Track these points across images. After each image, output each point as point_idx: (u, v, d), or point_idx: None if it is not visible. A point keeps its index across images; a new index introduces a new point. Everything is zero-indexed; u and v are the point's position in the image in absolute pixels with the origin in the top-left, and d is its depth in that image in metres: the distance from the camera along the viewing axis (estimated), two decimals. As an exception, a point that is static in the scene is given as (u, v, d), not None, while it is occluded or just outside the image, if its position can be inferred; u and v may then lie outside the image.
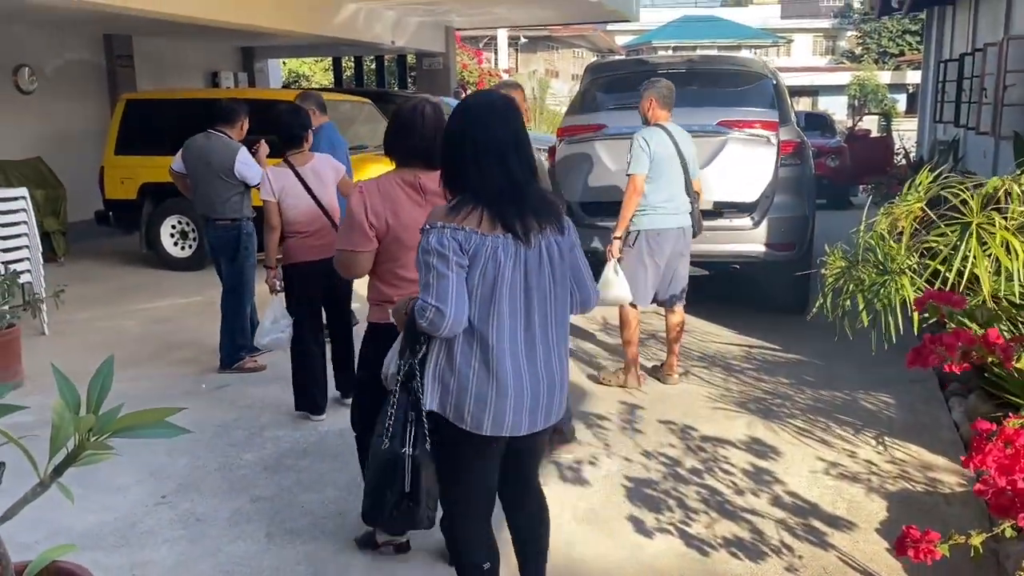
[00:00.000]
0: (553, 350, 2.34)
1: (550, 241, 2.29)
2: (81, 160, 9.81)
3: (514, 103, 2.41)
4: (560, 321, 2.35)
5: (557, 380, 2.35)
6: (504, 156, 2.26)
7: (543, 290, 2.29)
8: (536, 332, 2.30)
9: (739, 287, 7.44)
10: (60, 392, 1.87)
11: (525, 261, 2.25)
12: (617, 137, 5.67)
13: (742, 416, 4.59)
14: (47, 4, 6.70)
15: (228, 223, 5.25)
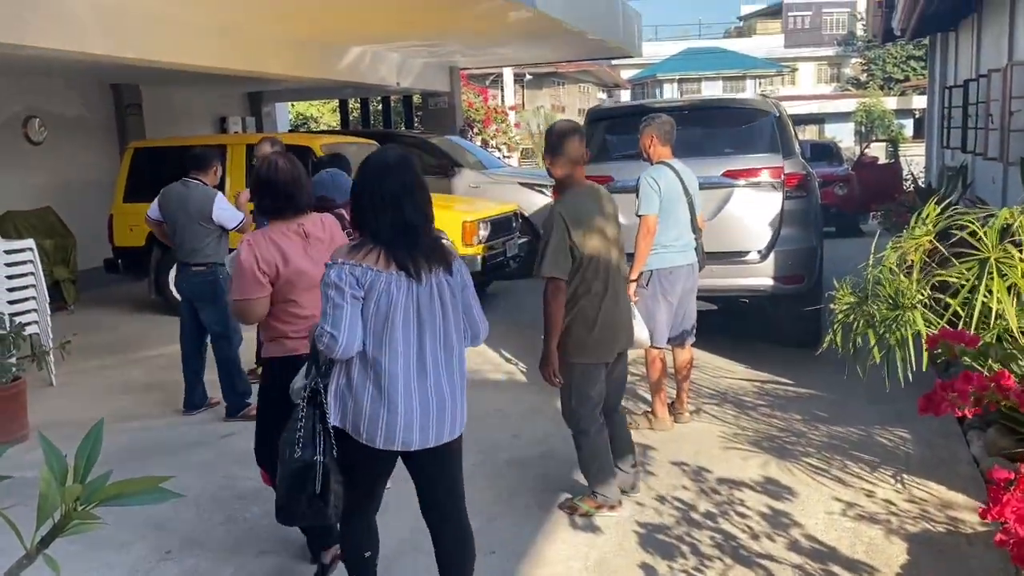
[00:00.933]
0: (443, 374, 2.67)
1: (440, 280, 2.64)
2: (90, 208, 9.87)
3: (408, 160, 2.76)
4: (449, 348, 2.68)
5: (447, 401, 2.67)
6: (397, 204, 2.61)
7: (434, 321, 2.63)
8: (427, 358, 2.63)
9: (748, 321, 7.37)
10: (47, 460, 1.83)
11: (417, 296, 2.60)
12: (624, 191, 5.66)
13: (756, 456, 4.50)
14: (56, 56, 6.78)
15: (204, 268, 5.34)
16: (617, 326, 3.81)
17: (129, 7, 7.03)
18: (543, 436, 4.95)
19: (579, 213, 3.66)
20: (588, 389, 3.78)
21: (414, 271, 2.58)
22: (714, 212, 5.87)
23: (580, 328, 3.70)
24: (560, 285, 3.62)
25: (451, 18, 9.08)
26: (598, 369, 3.80)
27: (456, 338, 2.71)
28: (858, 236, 13.20)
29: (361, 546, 2.91)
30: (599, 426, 3.84)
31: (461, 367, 2.74)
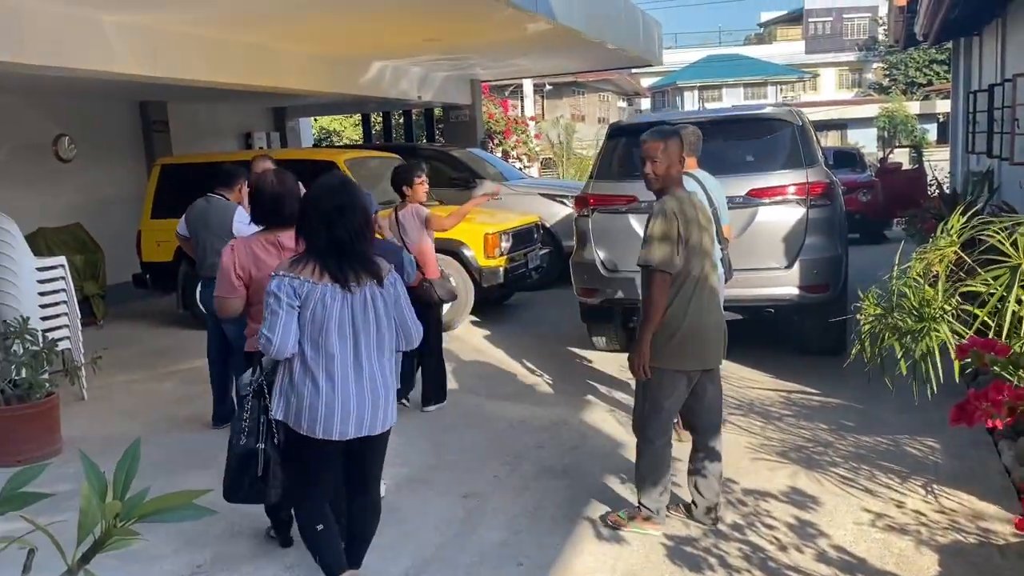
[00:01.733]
0: (377, 374, 3.02)
1: (374, 291, 2.98)
2: (119, 224, 10.02)
3: (348, 184, 3.10)
4: (381, 351, 3.03)
5: (380, 398, 3.03)
6: (331, 224, 2.93)
7: (368, 328, 2.98)
8: (362, 360, 2.98)
9: (773, 330, 7.33)
10: (87, 476, 1.87)
11: (352, 305, 2.94)
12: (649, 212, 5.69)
13: (783, 466, 4.48)
14: (88, 76, 6.91)
15: None
16: (705, 338, 3.66)
17: (157, 27, 7.16)
18: (568, 448, 4.96)
19: (684, 212, 3.58)
20: (663, 398, 3.67)
21: (345, 283, 2.93)
22: (739, 231, 5.88)
23: (664, 332, 3.57)
24: (667, 279, 3.53)
25: (471, 31, 9.15)
26: (677, 379, 3.65)
27: (388, 343, 3.06)
28: (883, 243, 13.10)
29: (314, 523, 3.15)
30: (666, 440, 3.75)
31: (393, 368, 3.12)
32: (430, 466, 4.79)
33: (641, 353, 3.59)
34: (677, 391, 3.69)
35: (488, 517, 4.07)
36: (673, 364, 3.63)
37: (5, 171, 9.58)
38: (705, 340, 3.68)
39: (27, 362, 5.14)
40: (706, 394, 3.80)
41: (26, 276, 6.02)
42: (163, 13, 6.82)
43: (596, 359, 6.90)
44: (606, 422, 5.36)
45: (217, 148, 12.60)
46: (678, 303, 3.58)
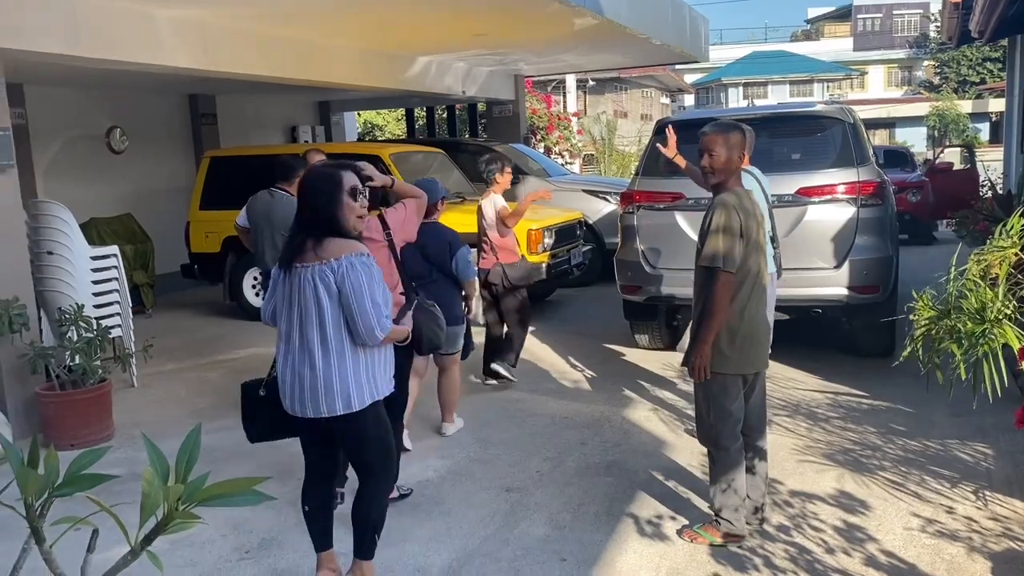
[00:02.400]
0: (310, 358, 3.03)
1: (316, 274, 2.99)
2: (168, 215, 10.22)
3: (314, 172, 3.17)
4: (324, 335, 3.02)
5: (308, 380, 3.04)
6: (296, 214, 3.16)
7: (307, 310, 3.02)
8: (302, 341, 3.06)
9: (820, 331, 7.24)
10: (150, 460, 1.91)
11: (291, 285, 3.05)
12: (695, 209, 5.64)
13: (830, 469, 4.42)
14: (141, 70, 7.04)
15: None
16: (761, 339, 3.60)
17: (209, 22, 7.27)
18: (611, 445, 4.94)
19: (745, 209, 3.48)
20: (728, 403, 3.57)
21: (284, 266, 3.08)
22: (788, 230, 5.81)
23: (724, 336, 3.48)
24: (732, 279, 3.43)
25: (518, 26, 9.14)
26: (737, 382, 3.59)
27: (333, 330, 3.02)
28: (931, 244, 12.85)
29: (302, 502, 3.39)
30: (740, 445, 3.62)
31: (340, 355, 3.04)
32: (472, 459, 4.81)
33: (703, 355, 3.49)
34: (739, 394, 3.62)
35: (531, 512, 4.08)
36: (734, 368, 3.54)
37: (60, 162, 9.81)
38: (761, 341, 3.62)
39: (82, 348, 5.26)
40: (754, 394, 3.73)
41: (81, 265, 6.16)
42: (214, 8, 6.92)
43: (638, 357, 6.87)
44: (649, 420, 5.33)
45: (263, 141, 12.77)
46: (738, 303, 3.49)
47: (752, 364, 3.60)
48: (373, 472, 3.25)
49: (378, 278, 3.04)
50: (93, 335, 5.37)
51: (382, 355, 3.18)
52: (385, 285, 3.10)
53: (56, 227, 6.09)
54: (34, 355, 5.17)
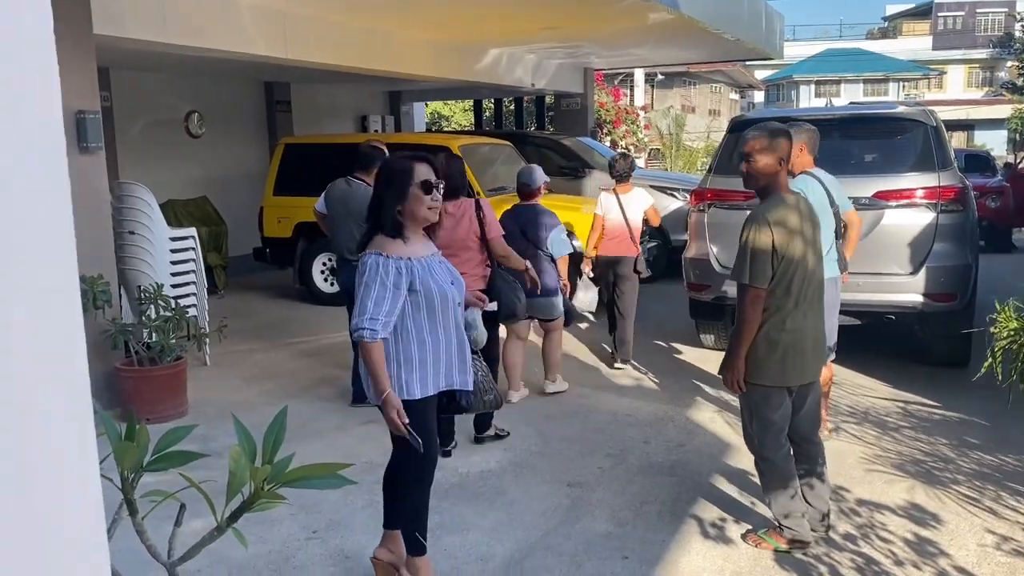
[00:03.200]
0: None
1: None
2: (241, 199, 10.47)
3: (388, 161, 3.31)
4: None
5: None
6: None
7: None
8: None
9: (892, 338, 7.07)
10: (239, 440, 1.98)
11: None
12: None
13: (900, 479, 4.33)
14: (223, 57, 7.23)
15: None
16: (806, 350, 3.50)
17: (288, 11, 7.42)
18: (674, 444, 4.92)
19: (783, 221, 3.41)
20: (770, 413, 3.53)
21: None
22: (864, 234, 5.67)
23: (762, 347, 3.44)
24: (760, 294, 3.40)
25: (592, 20, 9.11)
26: (780, 393, 3.53)
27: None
28: (1011, 252, 12.42)
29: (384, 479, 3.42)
30: (785, 452, 3.57)
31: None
32: (534, 452, 4.83)
33: (735, 368, 3.47)
34: (783, 404, 3.56)
35: (593, 508, 4.09)
36: (775, 380, 3.50)
37: (141, 144, 10.13)
38: (807, 352, 3.53)
39: (160, 326, 5.44)
40: (804, 405, 3.65)
41: (161, 245, 6.36)
42: (294, -3, 7.08)
43: (703, 357, 6.81)
44: (713, 422, 5.29)
45: (334, 129, 12.98)
46: (777, 317, 3.43)
47: (796, 376, 3.52)
48: (397, 469, 3.28)
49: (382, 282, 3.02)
50: (171, 314, 5.55)
51: (419, 356, 3.09)
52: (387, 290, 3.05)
53: (139, 208, 6.30)
54: (115, 331, 5.36)
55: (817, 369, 3.64)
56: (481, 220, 4.74)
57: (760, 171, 3.46)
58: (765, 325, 3.45)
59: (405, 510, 3.26)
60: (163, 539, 2.18)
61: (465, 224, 4.73)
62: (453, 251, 4.55)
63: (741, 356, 3.46)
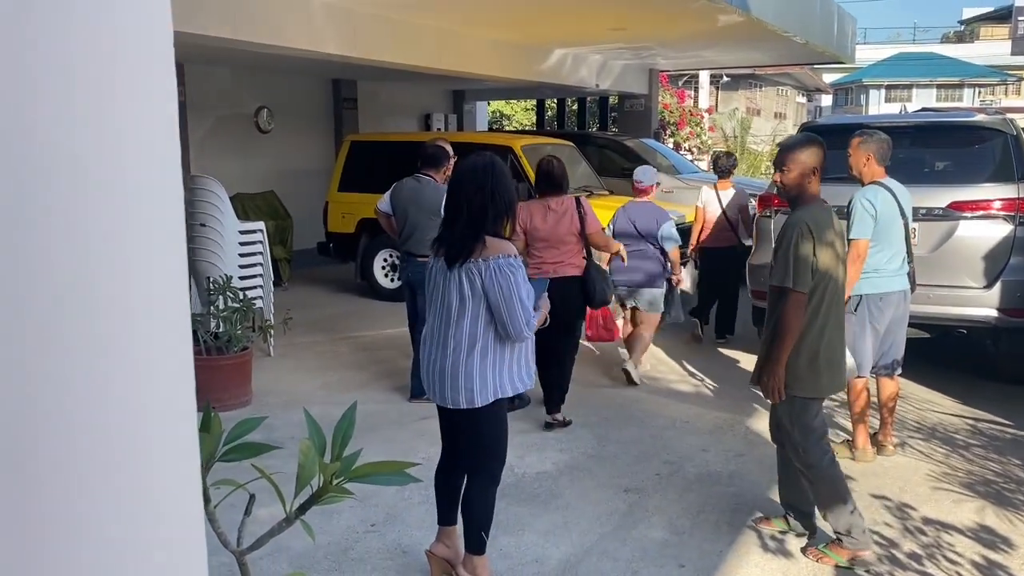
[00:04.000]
0: (452, 352, 3.08)
1: (472, 271, 3.02)
2: (307, 194, 10.67)
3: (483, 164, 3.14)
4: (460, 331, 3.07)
5: (448, 374, 3.08)
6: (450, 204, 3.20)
7: (455, 305, 3.08)
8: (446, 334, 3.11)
9: (962, 352, 6.87)
10: (310, 434, 2.02)
11: (447, 280, 3.10)
12: (838, 216, 5.41)
13: (969, 500, 4.20)
14: (295, 55, 7.37)
15: (427, 259, 5.53)
16: (839, 362, 3.55)
17: (358, 10, 7.53)
18: (734, 453, 4.86)
19: (820, 228, 3.42)
20: (810, 419, 3.54)
21: (446, 260, 3.09)
22: (936, 245, 5.55)
23: (802, 358, 3.44)
24: (802, 299, 3.38)
25: (661, 21, 9.04)
26: (819, 403, 3.58)
27: (469, 325, 3.05)
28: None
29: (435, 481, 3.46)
30: (831, 457, 3.56)
31: (470, 351, 3.06)
32: (590, 455, 4.82)
33: (778, 376, 3.45)
34: (820, 412, 3.60)
35: (649, 514, 4.07)
36: (813, 391, 3.51)
37: (212, 138, 10.39)
38: (839, 363, 3.55)
39: (228, 317, 5.57)
40: None
41: (230, 238, 6.51)
42: (364, -4, 7.18)
43: (764, 365, 6.70)
44: (774, 431, 5.20)
45: (398, 127, 13.13)
46: (816, 326, 3.44)
47: (830, 386, 3.56)
48: (480, 470, 3.27)
49: (522, 277, 3.07)
50: (239, 305, 5.68)
51: (513, 355, 3.14)
52: (528, 283, 3.12)
53: (210, 201, 6.46)
54: (185, 320, 5.51)
55: (843, 381, 3.69)
56: (582, 216, 5.15)
57: (788, 183, 3.52)
58: (805, 334, 3.44)
59: (476, 510, 3.25)
60: (228, 527, 2.24)
61: (567, 220, 5.13)
62: (553, 243, 5.11)
63: (783, 363, 3.44)
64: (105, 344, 0.84)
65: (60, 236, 0.80)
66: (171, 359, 0.91)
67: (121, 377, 0.86)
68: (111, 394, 0.85)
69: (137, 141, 0.85)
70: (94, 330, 0.83)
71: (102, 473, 0.87)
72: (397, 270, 9.16)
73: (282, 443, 3.97)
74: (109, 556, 0.89)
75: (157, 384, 0.90)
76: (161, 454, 0.92)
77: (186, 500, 0.97)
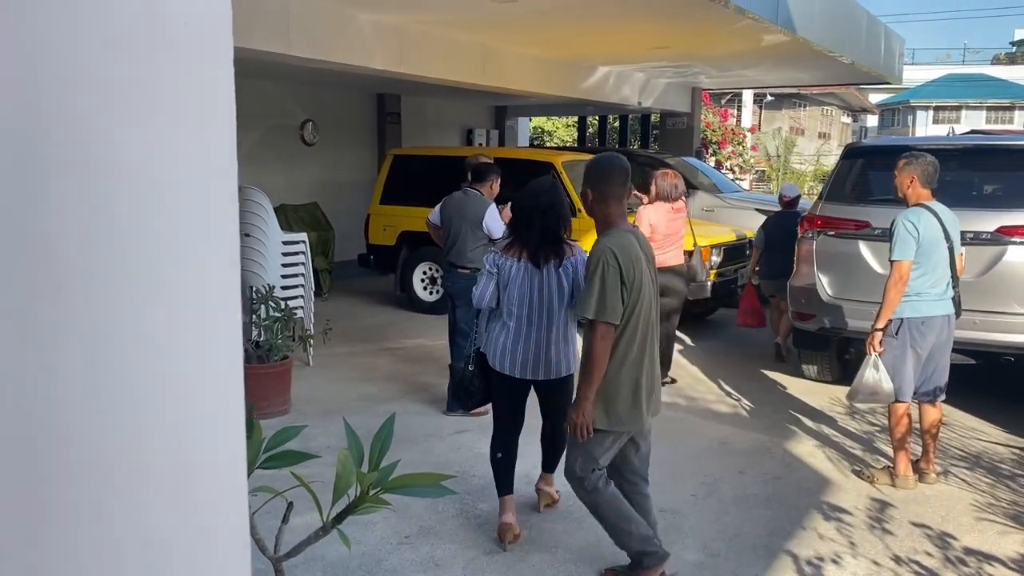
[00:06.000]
0: (545, 334, 3.84)
1: (552, 270, 3.83)
2: (348, 206, 10.80)
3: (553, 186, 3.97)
4: (552, 314, 3.84)
5: (544, 350, 3.84)
6: (531, 217, 3.87)
7: (544, 297, 3.83)
8: (534, 319, 3.83)
9: (1009, 380, 6.71)
10: (349, 444, 2.05)
11: (533, 277, 3.83)
12: (881, 239, 5.33)
13: (1015, 532, 4.10)
14: (342, 69, 7.49)
15: (468, 272, 5.62)
16: (650, 397, 3.42)
17: (405, 26, 7.64)
18: (771, 477, 4.80)
19: (628, 257, 3.24)
20: (598, 453, 3.42)
21: (535, 261, 3.81)
22: (984, 270, 5.46)
23: (608, 393, 3.31)
24: (610, 331, 3.23)
25: (705, 40, 9.02)
26: (610, 436, 3.40)
27: (558, 309, 3.83)
28: None
29: (496, 451, 4.00)
30: (605, 480, 3.48)
31: (562, 329, 3.87)
32: (626, 474, 4.79)
33: (585, 413, 3.29)
34: (610, 448, 3.43)
35: (684, 535, 4.04)
36: (618, 427, 3.36)
37: (259, 150, 10.57)
38: (652, 398, 3.43)
39: (269, 326, 5.66)
40: (643, 445, 3.61)
41: (274, 248, 6.62)
42: (410, 12, 7.27)
43: (803, 388, 6.62)
44: (813, 456, 5.14)
45: (441, 142, 13.25)
46: (626, 363, 3.30)
47: (626, 423, 3.38)
48: (559, 416, 3.93)
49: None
50: (280, 314, 5.76)
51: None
52: None
53: (255, 211, 6.57)
54: (228, 329, 5.61)
55: (655, 413, 3.52)
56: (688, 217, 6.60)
57: (592, 207, 3.38)
58: (613, 370, 3.29)
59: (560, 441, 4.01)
60: (265, 533, 2.28)
61: (681, 219, 6.44)
62: (674, 240, 6.33)
63: (591, 399, 3.29)
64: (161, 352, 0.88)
65: (121, 248, 0.84)
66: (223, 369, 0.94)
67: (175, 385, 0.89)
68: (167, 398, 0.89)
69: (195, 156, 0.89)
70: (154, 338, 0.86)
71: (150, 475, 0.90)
72: (436, 283, 9.24)
73: (320, 452, 4.03)
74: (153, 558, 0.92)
75: (209, 392, 0.93)
76: (210, 460, 0.95)
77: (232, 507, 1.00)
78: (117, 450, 0.86)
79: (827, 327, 6.12)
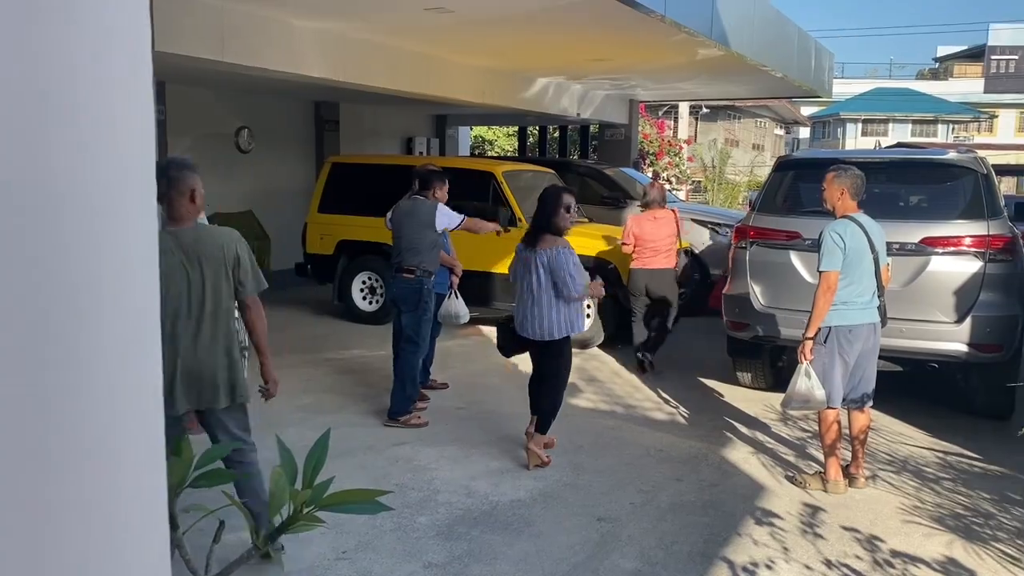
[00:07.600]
0: (536, 304, 4.88)
1: (539, 254, 4.85)
2: (285, 215, 10.64)
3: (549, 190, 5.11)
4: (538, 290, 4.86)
5: (528, 318, 4.92)
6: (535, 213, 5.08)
7: (532, 274, 4.88)
8: (527, 292, 4.92)
9: (933, 385, 6.95)
10: (282, 461, 2.01)
11: (527, 259, 4.92)
12: (811, 250, 5.47)
13: (938, 533, 4.24)
14: (278, 77, 7.38)
15: (413, 276, 5.60)
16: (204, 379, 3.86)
17: (344, 35, 7.57)
18: (708, 484, 4.87)
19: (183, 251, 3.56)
20: None
21: (528, 246, 4.93)
22: (909, 280, 5.66)
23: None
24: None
25: (642, 53, 9.16)
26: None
27: (544, 289, 4.84)
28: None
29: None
30: None
31: (547, 301, 4.84)
32: (564, 484, 4.82)
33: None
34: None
35: (622, 544, 4.06)
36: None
37: (192, 157, 10.33)
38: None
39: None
40: None
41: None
42: (349, 21, 7.21)
43: (739, 395, 6.75)
44: (748, 462, 5.23)
45: (379, 150, 13.15)
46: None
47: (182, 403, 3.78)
48: (549, 379, 5.03)
49: (574, 259, 4.84)
50: (214, 327, 5.62)
51: (577, 307, 4.96)
52: (579, 263, 4.91)
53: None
54: (159, 341, 5.46)
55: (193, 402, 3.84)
56: (677, 223, 7.36)
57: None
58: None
59: (546, 406, 5.05)
60: (197, 553, 2.22)
61: (669, 226, 7.25)
62: (661, 245, 7.20)
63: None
64: (77, 357, 0.85)
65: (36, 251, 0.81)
66: (139, 375, 0.91)
67: (89, 392, 0.86)
68: (81, 408, 0.85)
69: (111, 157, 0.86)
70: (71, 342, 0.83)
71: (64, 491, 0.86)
72: (376, 292, 9.16)
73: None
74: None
75: (124, 401, 0.90)
76: (127, 475, 0.92)
77: (151, 526, 0.96)
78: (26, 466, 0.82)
79: (760, 335, 6.25)
